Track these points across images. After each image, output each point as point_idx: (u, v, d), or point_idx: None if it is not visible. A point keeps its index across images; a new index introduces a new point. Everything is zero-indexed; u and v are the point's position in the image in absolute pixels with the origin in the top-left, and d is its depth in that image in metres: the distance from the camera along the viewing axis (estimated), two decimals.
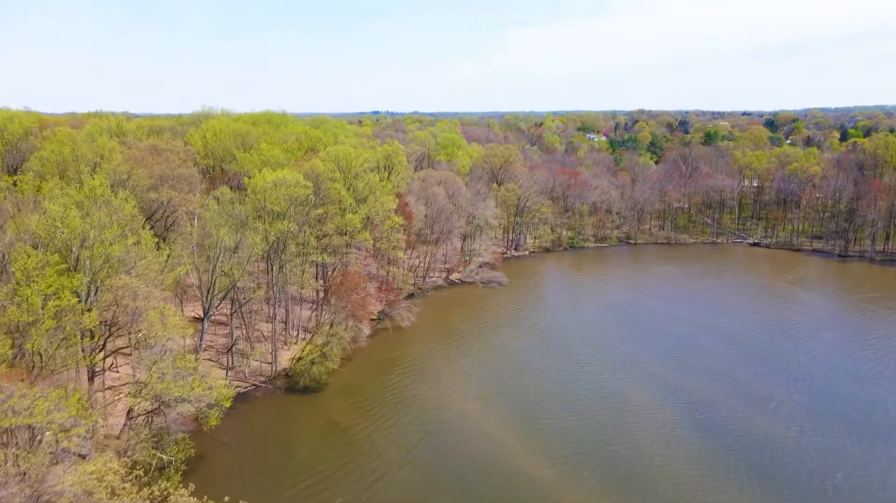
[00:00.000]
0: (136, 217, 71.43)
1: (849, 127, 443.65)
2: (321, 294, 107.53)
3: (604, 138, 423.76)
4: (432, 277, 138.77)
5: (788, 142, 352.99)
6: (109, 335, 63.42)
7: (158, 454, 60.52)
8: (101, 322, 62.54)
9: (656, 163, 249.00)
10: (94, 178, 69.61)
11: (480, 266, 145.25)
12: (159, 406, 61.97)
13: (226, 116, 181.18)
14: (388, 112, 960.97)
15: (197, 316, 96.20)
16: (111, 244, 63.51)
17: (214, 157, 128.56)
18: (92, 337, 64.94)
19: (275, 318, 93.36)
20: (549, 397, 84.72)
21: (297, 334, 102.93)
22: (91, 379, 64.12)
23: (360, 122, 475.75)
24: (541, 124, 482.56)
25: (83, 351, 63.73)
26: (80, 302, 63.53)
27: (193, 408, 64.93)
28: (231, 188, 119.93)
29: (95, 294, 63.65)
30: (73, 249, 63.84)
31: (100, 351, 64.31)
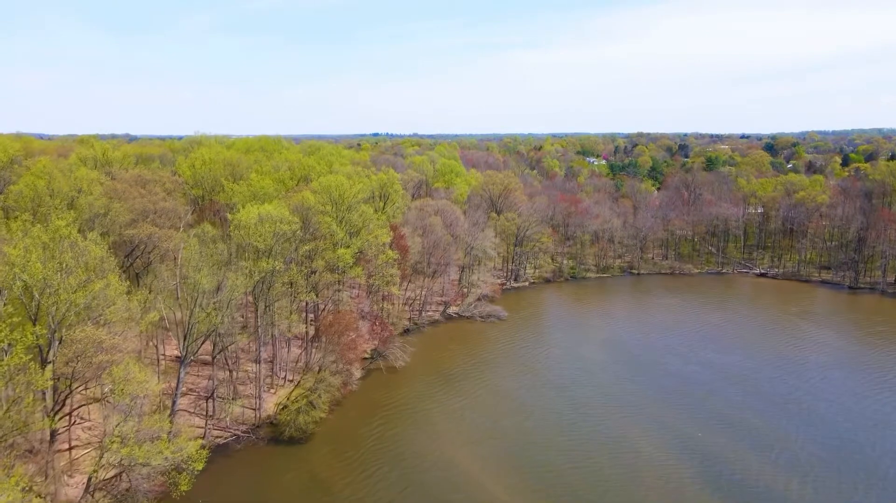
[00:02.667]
0: (107, 259, 66.34)
1: (848, 151, 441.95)
2: (311, 332, 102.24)
3: (603, 162, 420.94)
4: (429, 311, 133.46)
5: (790, 166, 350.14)
6: (70, 392, 57.97)
7: None
8: (60, 377, 57.19)
9: (658, 189, 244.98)
10: (61, 218, 64.61)
11: (479, 299, 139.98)
12: (122, 471, 56.37)
13: (219, 143, 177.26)
14: (387, 134, 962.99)
15: (179, 355, 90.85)
16: (75, 291, 58.33)
17: (203, 187, 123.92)
18: (55, 391, 59.62)
19: (260, 361, 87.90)
20: (546, 444, 79.68)
21: (285, 376, 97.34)
22: (52, 440, 58.52)
23: (358, 144, 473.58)
24: (540, 148, 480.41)
25: (45, 409, 58.36)
26: (40, 353, 58.42)
27: (164, 467, 59.48)
28: (220, 220, 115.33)
29: (59, 345, 58.34)
30: (35, 296, 58.74)
31: (60, 408, 58.73)
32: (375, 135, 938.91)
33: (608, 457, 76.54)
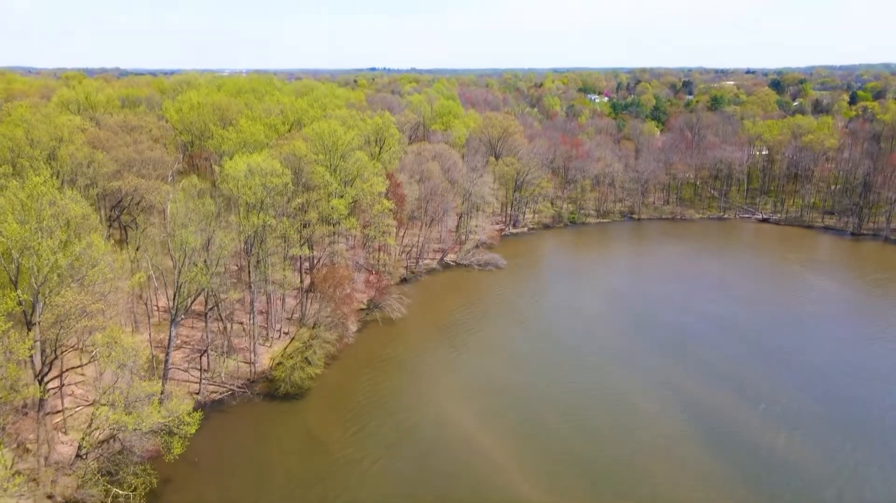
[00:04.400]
0: (89, 216, 63.69)
1: (856, 87, 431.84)
2: (306, 282, 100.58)
3: (605, 100, 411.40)
4: (426, 259, 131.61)
5: (796, 104, 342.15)
6: (56, 357, 56.48)
7: (114, 489, 54.30)
8: (46, 340, 55.62)
9: (661, 131, 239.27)
10: (38, 174, 61.53)
11: (477, 246, 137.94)
12: (114, 434, 55.58)
13: (209, 83, 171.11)
14: (385, 69, 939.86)
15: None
16: (55, 252, 55.96)
17: (192, 133, 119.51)
18: (43, 353, 58.16)
19: (254, 316, 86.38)
20: (541, 398, 79.49)
21: (280, 328, 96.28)
22: (39, 407, 57.42)
23: (354, 81, 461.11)
24: (541, 85, 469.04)
25: (34, 371, 57.02)
26: (24, 316, 56.68)
27: (157, 429, 58.69)
28: (210, 167, 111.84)
29: (42, 310, 56.42)
30: (15, 257, 56.40)
31: (49, 371, 57.33)
32: (372, 69, 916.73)
33: (603, 411, 76.34)
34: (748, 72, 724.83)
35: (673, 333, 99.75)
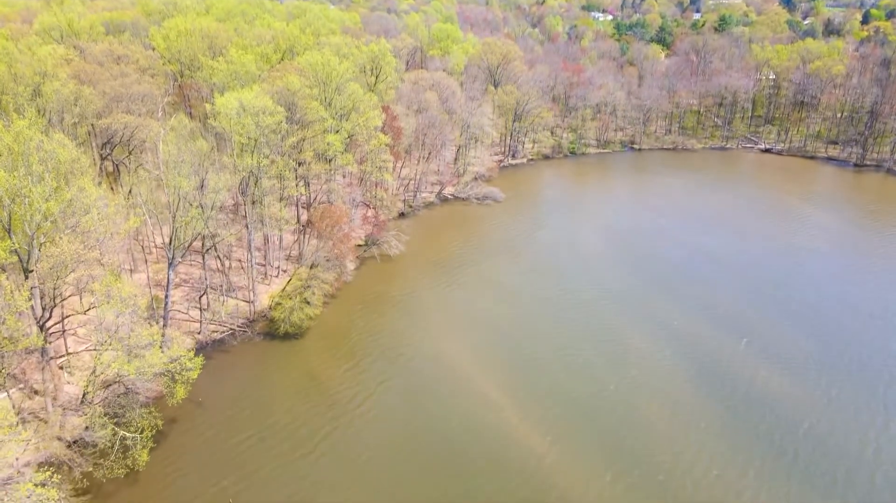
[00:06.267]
0: (79, 159, 62.26)
1: (869, 5, 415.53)
2: (304, 217, 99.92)
3: (609, 18, 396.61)
4: (424, 193, 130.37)
5: (807, 23, 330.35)
6: (55, 305, 56.68)
7: (121, 432, 55.75)
8: (42, 289, 55.68)
9: (666, 55, 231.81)
10: (23, 117, 59.67)
11: (475, 179, 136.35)
12: (118, 380, 56.58)
13: (196, 4, 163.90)
14: None
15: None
16: (48, 199, 55.10)
17: (181, 63, 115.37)
18: (41, 300, 58.35)
19: (251, 256, 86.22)
20: (535, 335, 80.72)
21: (279, 265, 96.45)
22: (42, 352, 58.13)
23: None
24: (543, 2, 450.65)
25: (36, 323, 57.37)
26: (21, 263, 56.50)
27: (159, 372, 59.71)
28: (201, 98, 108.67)
29: (38, 258, 56.13)
30: (6, 205, 55.57)
31: (49, 318, 57.69)
32: None
33: (596, 349, 77.69)
34: None
35: (669, 268, 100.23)
